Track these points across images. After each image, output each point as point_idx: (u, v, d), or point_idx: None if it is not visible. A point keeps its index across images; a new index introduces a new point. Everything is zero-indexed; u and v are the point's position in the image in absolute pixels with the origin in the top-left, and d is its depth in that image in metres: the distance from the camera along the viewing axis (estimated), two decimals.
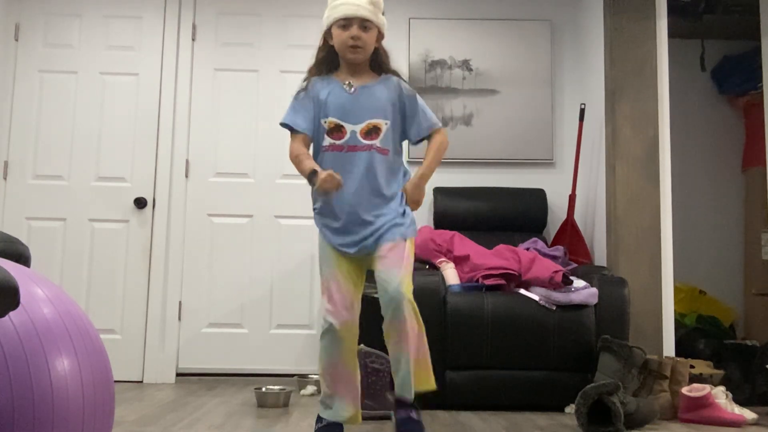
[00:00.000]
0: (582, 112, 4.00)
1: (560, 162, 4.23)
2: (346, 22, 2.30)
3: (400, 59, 4.22)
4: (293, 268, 4.07)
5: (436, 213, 4.01)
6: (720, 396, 2.94)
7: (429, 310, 3.16)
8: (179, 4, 4.22)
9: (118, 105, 4.15)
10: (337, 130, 2.30)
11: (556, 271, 3.22)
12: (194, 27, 4.23)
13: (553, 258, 3.55)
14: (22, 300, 1.38)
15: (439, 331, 3.16)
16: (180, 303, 4.03)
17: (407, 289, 2.18)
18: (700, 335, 3.86)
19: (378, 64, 2.39)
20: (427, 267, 3.54)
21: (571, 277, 3.27)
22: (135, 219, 4.07)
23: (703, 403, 2.90)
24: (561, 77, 4.30)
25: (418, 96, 2.42)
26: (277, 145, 4.16)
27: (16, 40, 4.17)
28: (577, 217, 3.95)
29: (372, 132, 2.31)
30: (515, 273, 3.34)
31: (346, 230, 2.28)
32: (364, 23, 2.29)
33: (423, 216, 4.11)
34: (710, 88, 4.64)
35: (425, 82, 4.22)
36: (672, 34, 3.77)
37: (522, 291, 3.28)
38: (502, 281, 3.32)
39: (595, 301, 3.20)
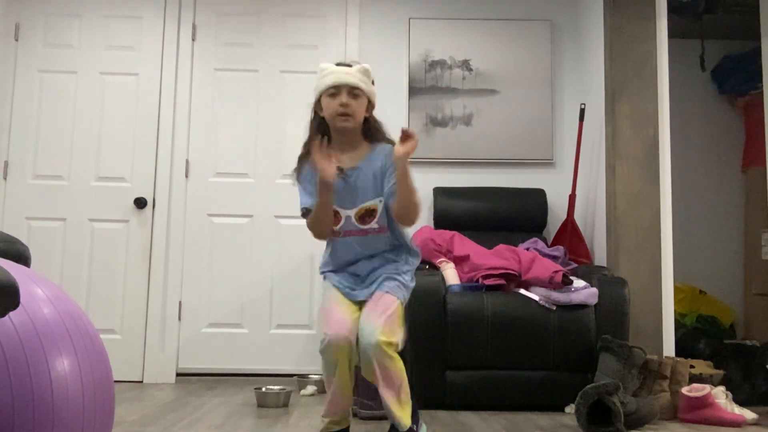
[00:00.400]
0: (582, 112, 4.00)
1: (560, 162, 4.23)
2: (335, 90, 2.30)
3: (400, 59, 4.24)
4: (293, 268, 4.08)
5: (436, 213, 4.01)
6: (720, 396, 2.94)
7: (429, 310, 3.17)
8: (179, 4, 4.22)
9: (118, 105, 4.15)
10: (333, 216, 2.30)
11: (556, 271, 3.22)
12: (194, 27, 4.23)
13: (553, 258, 3.55)
14: (22, 300, 1.38)
15: (439, 331, 3.16)
16: (180, 303, 4.03)
17: (383, 333, 2.13)
18: (700, 335, 3.87)
19: (371, 134, 2.38)
20: (427, 267, 3.54)
21: (571, 277, 3.26)
22: (135, 219, 4.07)
23: (703, 403, 2.90)
24: (561, 77, 4.30)
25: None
26: (277, 145, 4.17)
27: (16, 40, 4.17)
28: (577, 217, 3.95)
29: (366, 215, 2.32)
30: (515, 273, 3.34)
31: (353, 286, 2.33)
32: (354, 91, 2.29)
33: (423, 216, 4.09)
34: (710, 88, 4.64)
35: (425, 82, 4.22)
36: (672, 34, 3.77)
37: (522, 291, 3.28)
38: (502, 281, 3.32)
39: (595, 301, 3.21)
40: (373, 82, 2.37)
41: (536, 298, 3.21)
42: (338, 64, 2.38)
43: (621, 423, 2.59)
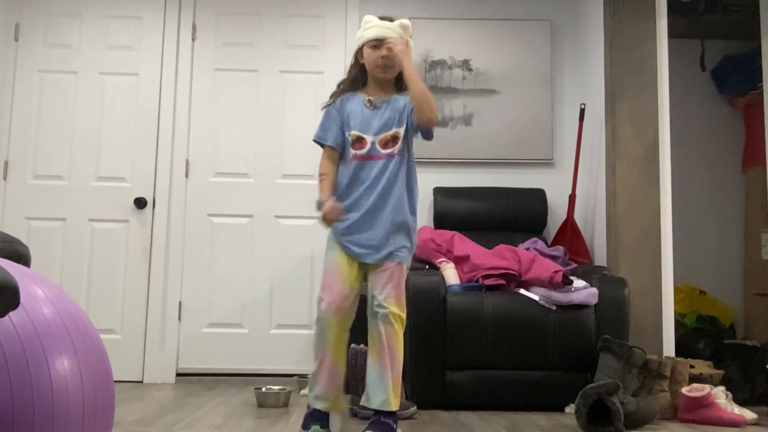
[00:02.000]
0: (582, 112, 4.00)
1: (560, 162, 4.23)
2: (377, 43, 2.46)
3: None
4: (293, 268, 4.07)
5: (436, 213, 4.01)
6: (720, 396, 2.94)
7: (429, 310, 3.17)
8: (179, 4, 4.22)
9: (118, 105, 4.15)
10: (358, 141, 2.49)
11: (556, 271, 3.22)
12: (194, 27, 4.23)
13: (553, 258, 3.55)
14: (22, 300, 1.38)
15: (439, 331, 3.16)
16: (180, 303, 4.03)
17: (396, 305, 2.35)
18: (700, 335, 3.86)
19: (403, 85, 2.52)
20: (427, 267, 3.54)
21: (571, 277, 3.26)
22: (135, 219, 4.07)
23: (703, 403, 2.90)
24: (561, 77, 4.30)
25: None
26: (277, 145, 4.17)
27: (16, 40, 4.17)
28: (577, 217, 3.95)
29: (389, 142, 2.49)
30: (515, 273, 3.34)
31: (357, 241, 2.45)
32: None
33: (423, 216, 4.12)
34: (710, 88, 4.64)
35: (425, 82, 4.21)
36: (672, 34, 3.77)
37: (522, 291, 3.28)
38: (502, 281, 3.32)
39: (595, 301, 3.20)
40: (411, 36, 2.53)
41: (536, 298, 3.21)
42: (381, 18, 2.53)
43: (621, 423, 2.59)
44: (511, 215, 3.98)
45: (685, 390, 2.97)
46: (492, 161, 4.21)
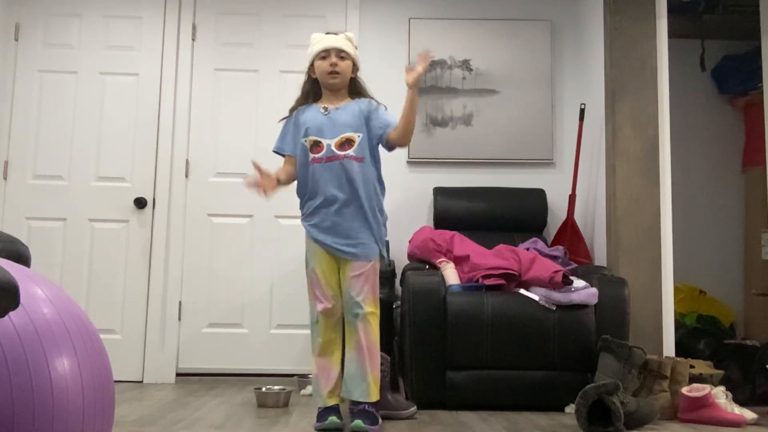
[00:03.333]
0: (582, 112, 4.00)
1: (560, 162, 4.23)
2: (325, 54, 2.72)
3: (400, 59, 4.24)
4: (293, 268, 4.07)
5: (436, 213, 4.01)
6: (720, 396, 2.94)
7: (429, 310, 3.17)
8: (179, 4, 4.22)
9: (118, 105, 4.15)
10: (316, 146, 2.71)
11: (556, 271, 3.22)
12: (194, 27, 4.23)
13: (553, 258, 3.55)
14: (22, 300, 1.38)
15: (439, 331, 3.16)
16: (180, 303, 4.03)
17: (369, 304, 2.61)
18: (700, 335, 3.86)
19: (356, 92, 2.80)
20: (427, 267, 3.54)
21: (571, 277, 3.26)
22: (135, 219, 4.07)
23: (703, 403, 2.90)
24: (561, 77, 4.30)
25: (380, 107, 2.78)
26: None
27: (16, 40, 4.17)
28: (577, 217, 3.95)
29: (345, 144, 2.69)
30: (515, 273, 3.33)
31: (329, 230, 2.68)
32: (341, 53, 2.72)
33: (423, 216, 4.12)
34: (710, 88, 4.64)
35: (425, 82, 4.22)
36: (672, 34, 3.77)
37: (522, 291, 3.28)
38: (502, 281, 3.32)
39: (595, 301, 3.20)
40: (356, 47, 2.79)
41: (536, 298, 3.21)
42: (327, 33, 2.78)
43: (621, 423, 2.59)
44: (511, 215, 3.98)
45: (685, 390, 2.97)
46: (492, 161, 4.21)
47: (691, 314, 4.11)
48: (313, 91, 2.80)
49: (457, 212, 3.98)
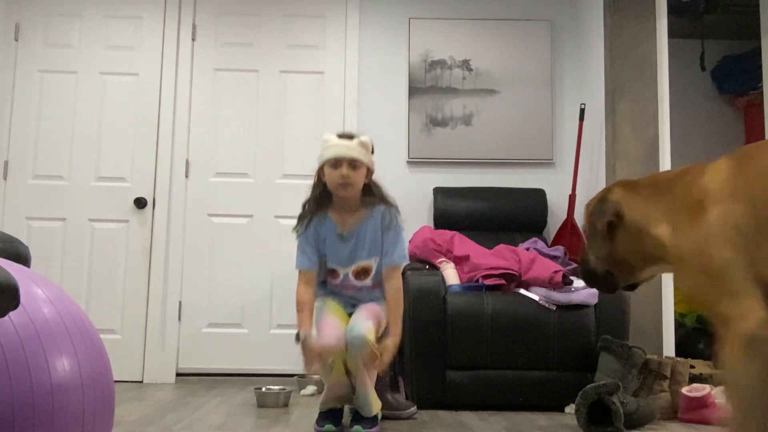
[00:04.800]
0: (582, 112, 4.00)
1: (560, 162, 4.23)
2: (336, 162, 2.53)
3: (400, 59, 4.25)
4: (293, 268, 4.05)
5: (436, 213, 4.01)
6: (720, 396, 2.93)
7: (429, 310, 3.17)
8: (179, 4, 4.22)
9: (118, 105, 4.15)
10: (332, 273, 2.65)
11: (556, 271, 3.22)
12: (194, 27, 4.23)
13: (553, 258, 3.55)
14: (22, 300, 1.38)
15: (439, 331, 3.16)
16: (180, 303, 4.03)
17: (370, 333, 2.42)
18: (700, 335, 3.86)
19: (369, 198, 2.62)
20: (427, 267, 3.54)
21: (571, 277, 3.26)
22: (135, 219, 4.07)
23: (703, 403, 2.90)
24: (561, 77, 4.30)
25: (396, 227, 2.63)
26: (277, 145, 4.17)
27: (16, 40, 4.17)
28: (577, 217, 3.95)
29: (362, 273, 2.63)
30: (515, 273, 3.33)
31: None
32: (354, 163, 2.53)
33: (423, 216, 4.12)
34: (710, 88, 4.64)
35: (425, 82, 4.22)
36: (672, 34, 3.77)
37: (522, 291, 3.28)
38: (502, 281, 3.32)
39: (595, 301, 3.20)
40: (372, 151, 2.61)
41: (536, 298, 3.21)
42: (340, 136, 2.58)
43: (621, 423, 2.59)
44: (511, 215, 3.98)
45: (685, 390, 2.97)
46: (492, 161, 4.21)
47: (691, 314, 4.11)
48: (324, 197, 2.62)
49: (457, 212, 3.97)
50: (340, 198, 2.60)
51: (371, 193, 2.62)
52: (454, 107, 4.22)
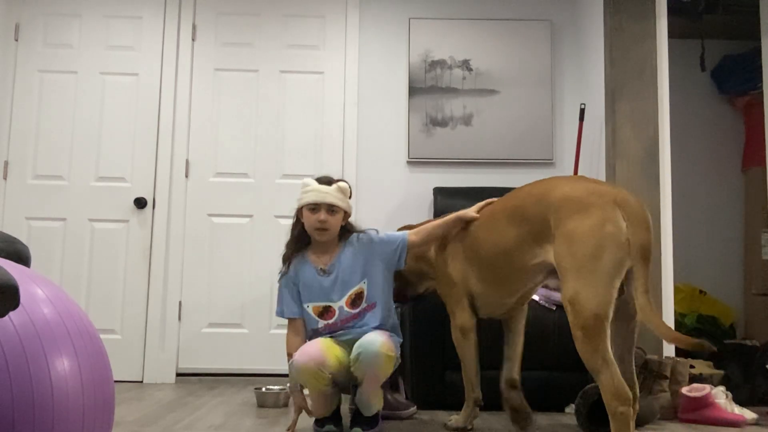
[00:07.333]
0: (582, 112, 4.00)
1: (560, 162, 4.23)
2: (315, 207, 2.58)
3: (400, 59, 4.25)
4: None
5: (436, 213, 4.00)
6: (720, 396, 2.93)
7: (429, 310, 3.17)
8: (179, 4, 4.22)
9: (118, 105, 4.15)
10: (326, 311, 2.58)
11: None
12: (194, 27, 4.23)
13: None
14: (22, 300, 1.38)
15: (439, 331, 3.16)
16: (180, 303, 4.03)
17: (383, 346, 2.39)
18: (700, 335, 3.86)
19: (345, 233, 2.65)
20: None
21: None
22: (135, 219, 4.07)
23: (703, 403, 2.90)
24: (561, 77, 4.30)
25: (373, 234, 2.66)
26: (277, 145, 4.17)
27: (16, 40, 4.17)
28: None
29: (357, 299, 2.58)
30: None
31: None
32: (331, 208, 2.57)
33: (423, 216, 4.11)
34: (710, 88, 4.64)
35: (425, 82, 4.22)
36: (672, 34, 3.77)
37: None
38: None
39: None
40: (350, 196, 2.66)
41: (536, 298, 3.21)
42: (319, 181, 2.63)
43: None
44: None
45: (685, 390, 2.97)
46: (492, 161, 4.21)
47: (691, 314, 4.11)
48: (303, 237, 2.66)
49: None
50: (316, 240, 2.64)
51: (347, 232, 2.66)
52: (454, 107, 4.22)
